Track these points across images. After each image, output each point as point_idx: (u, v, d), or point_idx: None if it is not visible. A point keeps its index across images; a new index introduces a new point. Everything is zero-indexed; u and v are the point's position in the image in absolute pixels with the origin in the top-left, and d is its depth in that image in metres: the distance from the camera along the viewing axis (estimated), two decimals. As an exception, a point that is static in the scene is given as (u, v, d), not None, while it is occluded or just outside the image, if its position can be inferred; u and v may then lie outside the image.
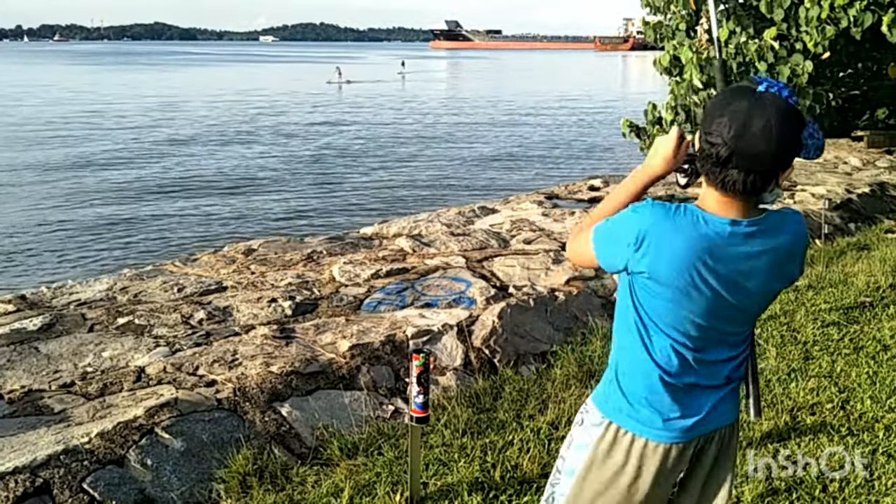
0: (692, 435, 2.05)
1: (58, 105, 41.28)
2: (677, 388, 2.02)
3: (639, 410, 2.04)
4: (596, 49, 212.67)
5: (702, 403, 2.05)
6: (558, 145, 28.10)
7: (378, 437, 3.89)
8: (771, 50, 13.60)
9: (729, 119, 1.81)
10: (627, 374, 2.07)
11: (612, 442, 2.06)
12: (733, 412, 2.12)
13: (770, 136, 1.79)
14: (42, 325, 4.80)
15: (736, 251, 1.90)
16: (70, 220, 15.47)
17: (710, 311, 1.94)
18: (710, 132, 1.84)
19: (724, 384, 2.07)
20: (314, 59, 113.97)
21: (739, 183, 1.84)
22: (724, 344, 2.03)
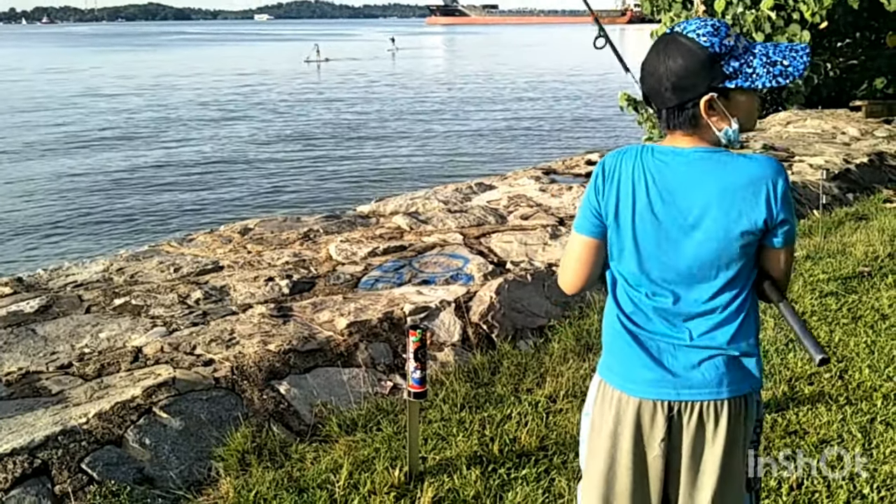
0: (658, 395, 1.99)
1: (49, 87, 41.12)
2: (637, 336, 2.04)
3: (613, 364, 2.08)
4: (594, 23, 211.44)
5: (664, 360, 2.00)
6: (555, 120, 28.02)
7: (376, 413, 3.89)
8: (768, 20, 13.52)
9: (642, 63, 2.01)
10: (605, 327, 2.14)
11: (602, 398, 2.10)
12: (716, 388, 1.99)
13: (655, 69, 1.96)
14: (39, 306, 4.79)
15: (675, 171, 1.95)
16: (65, 202, 15.45)
17: (651, 239, 1.98)
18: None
19: (693, 344, 2.00)
20: (308, 37, 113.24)
21: (662, 119, 2.00)
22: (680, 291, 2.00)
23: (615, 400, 2.06)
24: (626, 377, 2.05)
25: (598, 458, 2.10)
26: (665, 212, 1.96)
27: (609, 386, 2.08)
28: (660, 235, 1.98)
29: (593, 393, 2.16)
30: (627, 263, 2.03)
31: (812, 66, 13.97)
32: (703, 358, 2.01)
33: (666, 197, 1.96)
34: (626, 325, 2.05)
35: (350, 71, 51.10)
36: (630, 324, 2.05)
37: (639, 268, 2.02)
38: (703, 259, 1.97)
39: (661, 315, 2.03)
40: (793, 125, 12.72)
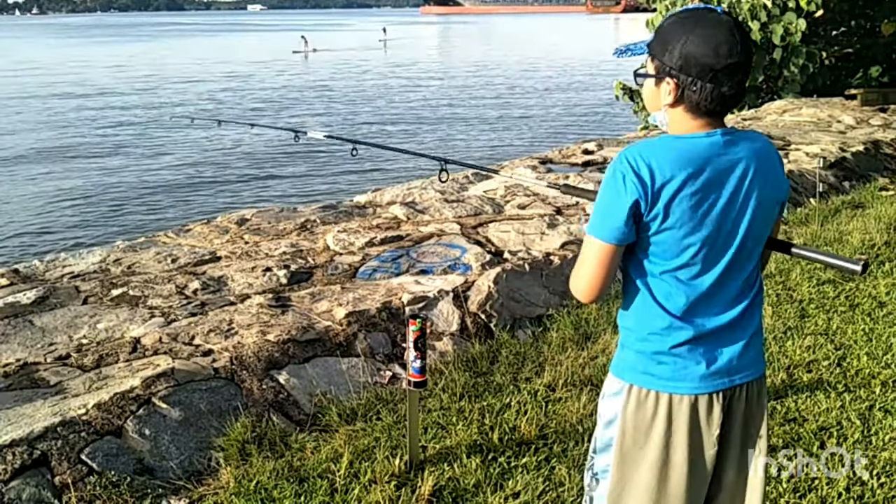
0: (715, 385, 1.99)
1: (43, 80, 40.93)
2: (688, 332, 1.98)
3: (654, 366, 2.00)
4: (588, 12, 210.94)
5: (717, 351, 2.00)
6: (550, 109, 28.01)
7: (376, 402, 3.89)
8: (764, 8, 13.51)
9: (702, 37, 1.89)
10: (637, 331, 2.03)
11: (636, 405, 2.01)
12: (757, 366, 2.07)
13: (735, 48, 1.89)
14: (36, 298, 4.78)
15: (720, 159, 1.93)
16: (61, 194, 15.41)
17: (709, 228, 1.93)
18: (689, 52, 1.90)
19: (735, 328, 2.02)
20: (300, 27, 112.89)
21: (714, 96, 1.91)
22: (731, 273, 2.00)
23: (662, 404, 1.99)
24: (678, 377, 1.98)
25: (643, 468, 2.02)
26: (724, 202, 1.94)
27: (648, 391, 2.00)
28: (723, 220, 1.95)
29: (619, 403, 2.04)
30: (674, 252, 1.95)
31: (808, 54, 13.98)
32: (748, 338, 2.05)
33: (725, 194, 1.94)
34: (677, 324, 1.99)
35: (339, 61, 50.78)
36: (675, 319, 1.98)
37: (701, 259, 1.96)
38: (755, 235, 2.02)
39: (713, 302, 2.00)
40: (788, 114, 12.72)
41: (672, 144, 1.93)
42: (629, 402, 2.02)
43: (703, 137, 1.93)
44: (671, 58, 1.92)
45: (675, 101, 1.95)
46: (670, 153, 1.91)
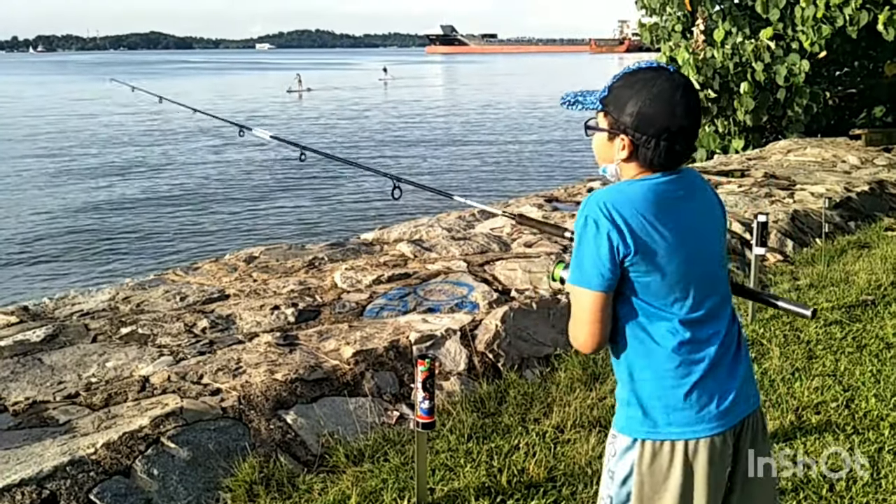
0: (727, 423, 2.01)
1: (55, 116, 41.29)
2: (695, 370, 2.00)
3: (667, 416, 2.00)
4: (592, 51, 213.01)
5: (727, 386, 2.03)
6: (556, 147, 28.15)
7: (384, 443, 3.88)
8: (767, 50, 13.64)
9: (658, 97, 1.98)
10: (641, 382, 2.03)
11: (651, 458, 2.01)
12: (755, 397, 2.13)
13: (690, 109, 2.00)
14: (45, 336, 4.80)
15: (677, 191, 2.03)
16: (71, 231, 15.48)
17: (685, 258, 2.00)
18: (645, 113, 1.98)
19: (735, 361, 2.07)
20: (306, 66, 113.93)
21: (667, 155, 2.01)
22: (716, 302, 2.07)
23: (678, 452, 1.99)
24: (692, 422, 1.99)
25: None
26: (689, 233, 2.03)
27: (662, 442, 2.00)
28: (694, 249, 2.03)
29: (632, 457, 2.04)
30: (663, 292, 2.00)
31: (811, 94, 14.08)
32: (746, 368, 2.11)
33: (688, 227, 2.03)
34: (687, 359, 2.00)
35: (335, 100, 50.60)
36: (679, 359, 2.00)
37: (689, 290, 2.02)
38: (722, 261, 2.15)
39: (711, 333, 2.05)
40: (793, 153, 12.78)
41: (634, 186, 2.01)
42: (643, 456, 2.02)
43: (659, 177, 2.02)
44: (626, 116, 2.00)
45: (629, 156, 2.03)
46: (635, 193, 1.99)
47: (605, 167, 2.12)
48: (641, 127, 1.98)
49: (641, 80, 2.01)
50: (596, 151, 2.15)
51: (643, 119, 1.98)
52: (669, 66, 2.07)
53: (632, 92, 2.00)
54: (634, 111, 1.98)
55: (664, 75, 2.00)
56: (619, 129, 2.02)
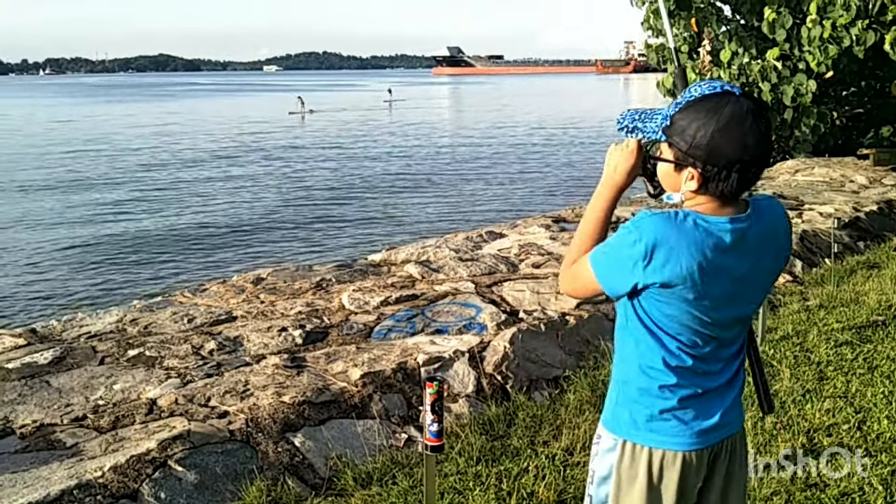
0: (706, 442, 2.04)
1: (63, 137, 41.56)
2: (686, 393, 2.02)
3: (650, 423, 2.03)
4: (598, 72, 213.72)
5: (712, 408, 2.04)
6: (562, 168, 28.16)
7: (392, 466, 3.86)
8: (774, 70, 13.66)
9: (727, 127, 1.86)
10: (634, 388, 2.05)
11: (630, 460, 2.05)
12: (739, 421, 2.13)
13: (761, 137, 1.88)
14: (53, 358, 4.80)
15: (741, 248, 1.93)
16: (78, 253, 15.51)
17: (720, 308, 1.96)
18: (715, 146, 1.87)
19: (729, 386, 2.07)
20: (313, 87, 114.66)
21: (740, 185, 1.90)
22: (730, 340, 2.06)
23: (655, 460, 2.03)
24: (674, 434, 2.02)
25: None
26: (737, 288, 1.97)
27: (643, 447, 2.04)
28: (728, 307, 1.98)
29: (612, 458, 2.08)
30: (683, 324, 1.97)
31: (819, 114, 14.09)
32: (735, 396, 2.10)
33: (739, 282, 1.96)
34: (682, 382, 2.01)
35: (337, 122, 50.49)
36: (677, 380, 2.01)
37: (697, 329, 1.98)
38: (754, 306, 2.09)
39: (709, 363, 2.04)
40: (801, 173, 12.77)
41: (688, 230, 1.90)
42: (623, 457, 2.06)
43: (727, 223, 1.92)
44: (694, 148, 1.89)
45: (698, 187, 1.93)
46: (688, 236, 1.89)
47: (671, 195, 2.01)
48: (712, 159, 1.87)
49: (707, 108, 1.89)
50: (661, 179, 2.05)
51: (713, 151, 1.87)
52: (735, 88, 1.94)
53: (699, 123, 1.89)
54: (703, 143, 1.87)
55: (731, 100, 1.89)
56: (687, 161, 1.92)
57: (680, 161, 1.94)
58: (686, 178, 1.93)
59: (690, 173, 1.92)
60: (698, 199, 1.96)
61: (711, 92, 1.91)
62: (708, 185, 1.91)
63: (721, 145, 1.86)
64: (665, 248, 1.88)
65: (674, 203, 2.01)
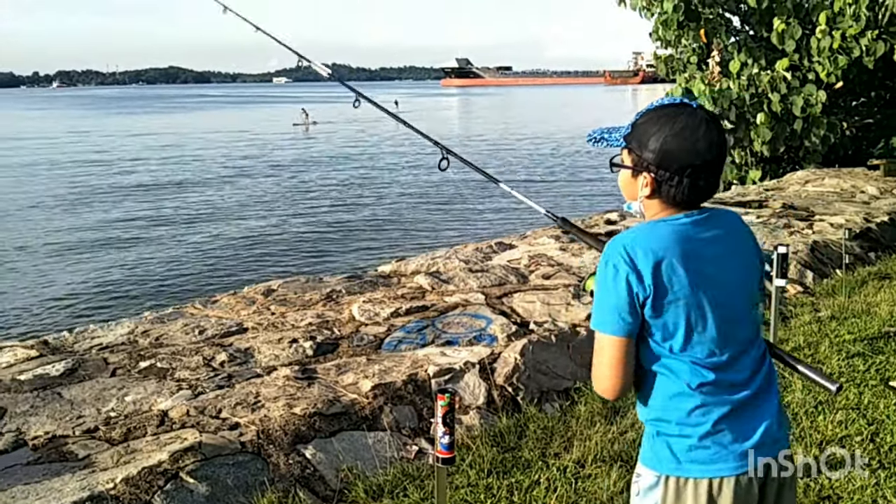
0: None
1: (72, 148, 41.80)
2: (719, 413, 1.98)
3: (691, 452, 1.98)
4: (606, 83, 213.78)
5: (750, 426, 2.00)
6: (571, 178, 28.16)
7: (403, 478, 3.85)
8: (784, 80, 13.65)
9: (680, 133, 1.96)
10: (668, 419, 2.01)
11: (675, 496, 1.99)
12: (784, 437, 2.08)
13: (714, 144, 1.97)
14: (65, 370, 4.81)
15: (705, 234, 2.00)
16: (90, 265, 15.58)
17: (708, 295, 1.97)
18: (668, 149, 1.96)
19: (762, 398, 2.04)
20: (321, 98, 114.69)
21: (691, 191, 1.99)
22: (742, 344, 2.04)
23: (702, 491, 1.97)
24: (717, 460, 1.97)
25: None
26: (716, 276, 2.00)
27: (687, 479, 1.98)
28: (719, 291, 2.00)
29: (657, 495, 2.02)
30: (687, 332, 1.97)
31: (828, 125, 14.06)
32: (776, 410, 2.07)
33: (715, 270, 2.00)
34: (709, 400, 1.99)
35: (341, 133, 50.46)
36: (704, 397, 1.98)
37: (712, 331, 1.98)
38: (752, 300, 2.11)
39: (736, 374, 2.02)
40: (811, 184, 12.73)
41: (656, 228, 1.99)
42: (668, 493, 2.00)
43: (683, 218, 2.00)
44: (649, 153, 1.99)
45: (652, 193, 2.01)
46: (656, 236, 1.97)
47: (630, 204, 2.10)
48: (664, 163, 1.97)
49: (664, 115, 2.00)
50: (621, 188, 2.13)
51: (665, 155, 1.96)
52: (693, 102, 2.05)
53: (655, 128, 1.99)
54: (657, 147, 1.97)
55: (687, 111, 1.99)
56: (642, 165, 2.01)
57: (636, 166, 2.03)
58: (641, 184, 2.03)
59: (645, 179, 2.01)
60: (654, 206, 2.04)
61: (670, 102, 2.04)
62: (661, 191, 2.00)
63: (673, 149, 1.96)
64: (638, 249, 1.95)
65: (633, 212, 2.10)
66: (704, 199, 2.03)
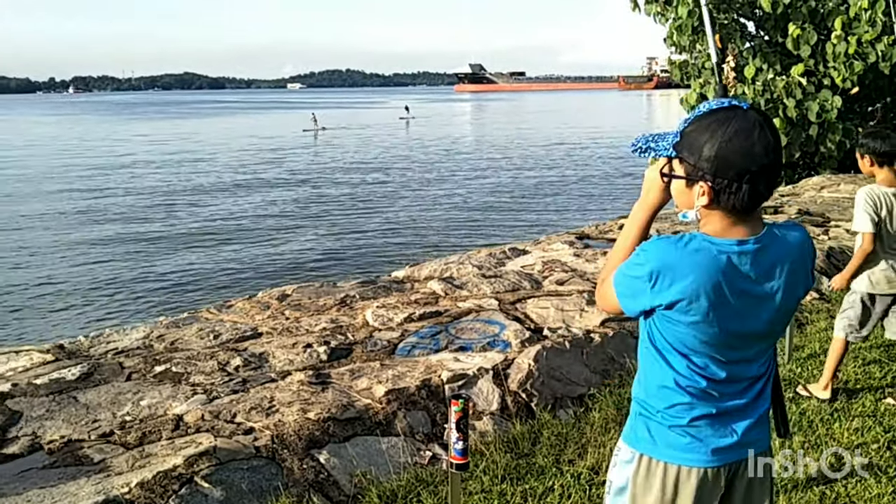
0: (723, 459, 2.04)
1: (88, 156, 42.07)
2: (699, 412, 2.03)
3: (667, 437, 2.05)
4: (620, 88, 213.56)
5: (730, 427, 2.05)
6: (585, 184, 28.14)
7: (416, 484, 3.85)
8: (799, 86, 13.59)
9: (734, 138, 1.87)
10: (653, 404, 2.07)
11: (646, 474, 2.07)
12: (765, 440, 2.12)
13: (770, 147, 1.88)
14: (80, 374, 4.83)
15: (748, 270, 1.93)
16: (105, 269, 15.68)
17: (728, 331, 1.95)
18: (724, 156, 1.88)
19: (752, 405, 2.07)
20: (334, 104, 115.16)
21: (751, 197, 1.90)
22: (748, 362, 2.05)
23: (670, 475, 2.04)
24: (690, 450, 2.03)
25: None
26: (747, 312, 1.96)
27: (658, 461, 2.05)
28: (739, 331, 1.97)
29: (629, 470, 2.10)
30: (696, 346, 1.98)
31: (844, 130, 13.99)
32: (759, 416, 2.09)
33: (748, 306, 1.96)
34: (697, 403, 2.02)
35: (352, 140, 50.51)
36: (694, 399, 2.02)
37: (711, 352, 1.99)
38: (773, 332, 2.06)
39: (727, 384, 2.03)
40: (826, 190, 12.66)
41: (696, 256, 1.91)
42: (639, 470, 2.08)
43: (734, 246, 1.93)
44: (703, 161, 1.90)
45: (710, 202, 1.93)
46: (693, 264, 1.90)
47: (686, 213, 2.02)
48: (721, 171, 1.88)
49: (715, 120, 1.91)
50: (675, 197, 2.06)
51: (722, 162, 1.88)
52: (743, 103, 1.96)
53: (707, 135, 1.90)
54: (711, 155, 1.88)
55: (738, 114, 1.90)
56: (697, 175, 1.93)
57: (690, 176, 1.95)
58: (698, 193, 1.94)
59: (701, 188, 1.93)
60: (712, 216, 1.96)
61: (719, 107, 1.94)
62: (720, 199, 1.92)
63: (729, 156, 1.87)
64: (668, 272, 1.90)
65: (688, 221, 2.01)
66: (762, 203, 1.96)
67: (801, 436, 4.35)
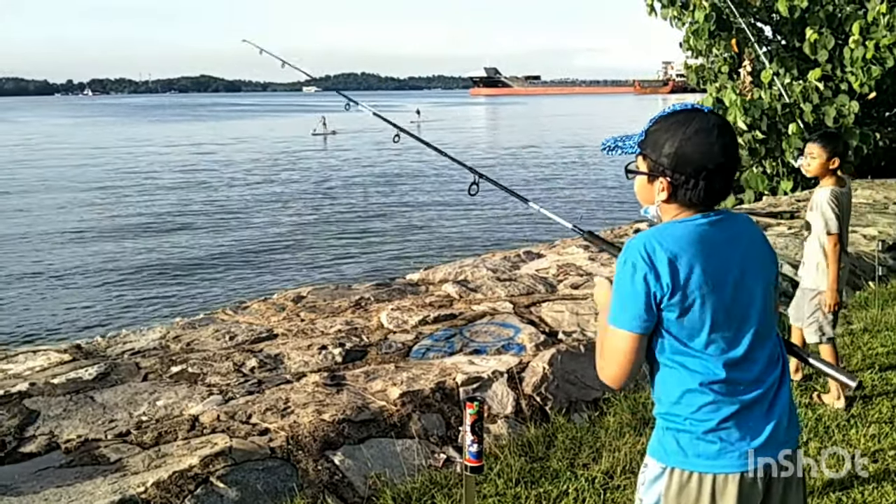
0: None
1: (102, 158, 42.33)
2: (727, 411, 2.01)
3: (697, 447, 2.02)
4: (636, 92, 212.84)
5: (758, 425, 2.03)
6: (600, 188, 28.08)
7: (431, 486, 3.86)
8: (816, 91, 13.53)
9: (694, 137, 2.01)
10: (678, 413, 2.04)
11: (678, 489, 2.03)
12: (793, 438, 2.11)
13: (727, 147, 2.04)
14: (97, 374, 4.87)
15: (717, 231, 2.05)
16: (122, 271, 15.77)
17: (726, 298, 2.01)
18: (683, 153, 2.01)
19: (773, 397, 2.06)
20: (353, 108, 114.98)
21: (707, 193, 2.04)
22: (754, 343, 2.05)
23: (706, 486, 2.00)
24: (721, 456, 2.00)
25: None
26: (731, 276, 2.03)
27: (691, 473, 2.02)
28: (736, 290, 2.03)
29: (660, 486, 2.06)
30: (703, 329, 2.00)
31: (861, 135, 13.91)
32: (784, 412, 2.08)
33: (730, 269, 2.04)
34: (720, 398, 2.01)
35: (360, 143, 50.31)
36: (724, 395, 2.01)
37: (727, 330, 2.02)
38: (767, 305, 2.12)
39: (747, 374, 2.04)
40: (843, 195, 12.57)
41: (674, 229, 2.03)
42: (671, 486, 2.05)
43: (700, 219, 2.04)
44: (663, 157, 2.04)
45: (668, 197, 2.06)
46: (674, 236, 2.01)
47: (647, 209, 2.16)
48: (679, 167, 2.02)
49: (677, 121, 2.05)
50: (637, 194, 2.18)
51: (680, 159, 2.01)
52: (704, 107, 2.10)
53: (668, 134, 2.04)
54: (671, 152, 2.02)
55: (699, 115, 2.05)
56: (657, 170, 2.06)
57: (652, 171, 2.08)
58: (658, 188, 2.07)
59: (661, 183, 2.06)
60: (670, 210, 2.08)
61: (682, 109, 2.09)
62: (677, 194, 2.05)
63: (688, 153, 2.01)
64: (656, 249, 1.98)
65: (650, 217, 2.15)
66: (718, 201, 2.08)
67: (817, 441, 4.32)
